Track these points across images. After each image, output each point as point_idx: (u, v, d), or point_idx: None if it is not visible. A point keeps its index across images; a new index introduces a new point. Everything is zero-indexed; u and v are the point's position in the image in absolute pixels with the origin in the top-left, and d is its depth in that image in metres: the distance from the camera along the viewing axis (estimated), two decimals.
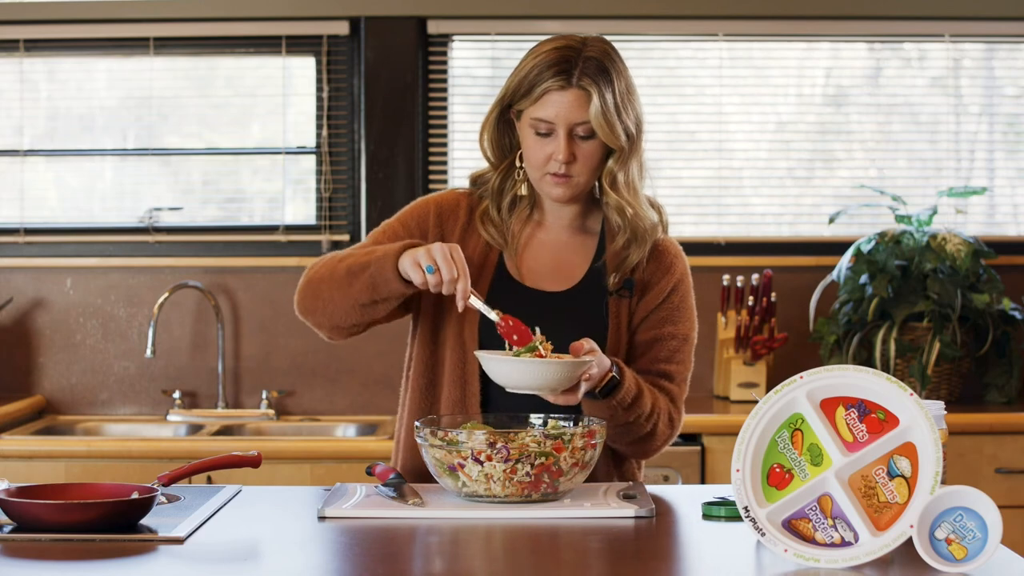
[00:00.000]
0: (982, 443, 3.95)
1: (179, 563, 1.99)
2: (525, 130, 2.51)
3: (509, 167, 2.58)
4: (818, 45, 4.60)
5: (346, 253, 2.53)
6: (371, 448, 3.84)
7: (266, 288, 4.45)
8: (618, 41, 4.59)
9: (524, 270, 2.58)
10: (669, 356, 2.56)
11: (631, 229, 2.54)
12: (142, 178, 4.53)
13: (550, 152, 2.48)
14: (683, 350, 2.58)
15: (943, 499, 1.93)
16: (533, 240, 2.60)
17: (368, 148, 4.45)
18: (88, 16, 4.45)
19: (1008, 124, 4.64)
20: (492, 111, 2.56)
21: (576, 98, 2.46)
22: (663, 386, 2.55)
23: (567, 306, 2.54)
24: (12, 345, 4.47)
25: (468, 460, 2.28)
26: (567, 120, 2.46)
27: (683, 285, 2.60)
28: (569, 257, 2.59)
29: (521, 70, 2.50)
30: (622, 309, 2.55)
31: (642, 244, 2.55)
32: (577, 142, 2.48)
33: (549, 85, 2.45)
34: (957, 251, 4.13)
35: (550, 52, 2.48)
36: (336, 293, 2.48)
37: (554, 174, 2.50)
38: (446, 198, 2.63)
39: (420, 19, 4.47)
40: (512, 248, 2.58)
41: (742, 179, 4.58)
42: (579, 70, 2.46)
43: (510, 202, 2.60)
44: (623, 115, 2.49)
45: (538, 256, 2.59)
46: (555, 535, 2.15)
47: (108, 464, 3.82)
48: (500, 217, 2.59)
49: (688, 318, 2.59)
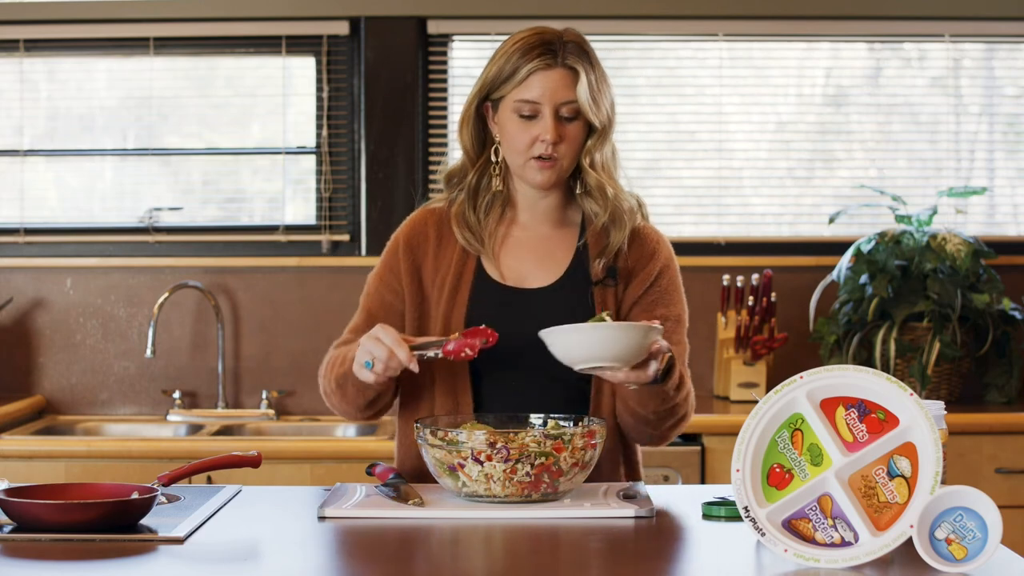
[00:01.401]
0: (982, 443, 3.95)
1: (179, 563, 1.99)
2: (507, 116, 2.52)
3: (486, 163, 2.60)
4: (818, 45, 4.60)
5: (333, 360, 2.58)
6: (371, 448, 3.84)
7: (266, 288, 4.45)
8: (618, 41, 4.62)
9: (504, 270, 2.58)
10: (665, 338, 2.53)
11: (610, 210, 2.55)
12: (142, 178, 4.53)
13: (536, 134, 2.50)
14: (678, 331, 2.57)
15: (943, 499, 1.93)
16: (510, 239, 2.61)
17: (368, 148, 4.45)
18: (88, 16, 4.45)
19: (1008, 124, 4.64)
20: (470, 105, 2.57)
21: (562, 77, 2.49)
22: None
23: (552, 301, 2.55)
24: (12, 345, 4.47)
25: (468, 460, 2.28)
26: (554, 99, 2.49)
27: (670, 269, 2.60)
28: (550, 251, 2.60)
29: (500, 59, 2.52)
30: (608, 298, 2.56)
31: (621, 227, 2.56)
32: (562, 123, 2.50)
33: (535, 66, 2.48)
34: (957, 251, 4.13)
35: (529, 37, 2.52)
36: (342, 403, 2.57)
37: (539, 157, 2.51)
38: (413, 224, 2.64)
39: (420, 19, 4.47)
40: (489, 249, 2.58)
41: (742, 179, 4.58)
42: (563, 51, 2.50)
43: (487, 201, 2.60)
44: (603, 96, 2.53)
45: (517, 254, 2.60)
46: (555, 535, 2.15)
47: (108, 464, 3.82)
48: (476, 216, 2.59)
49: (678, 300, 2.60)
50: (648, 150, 4.57)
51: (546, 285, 2.57)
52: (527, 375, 2.51)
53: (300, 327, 4.44)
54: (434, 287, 2.58)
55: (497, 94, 2.53)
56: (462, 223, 2.59)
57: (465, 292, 2.55)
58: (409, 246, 2.62)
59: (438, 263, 2.59)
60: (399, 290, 2.60)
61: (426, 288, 2.59)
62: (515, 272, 2.58)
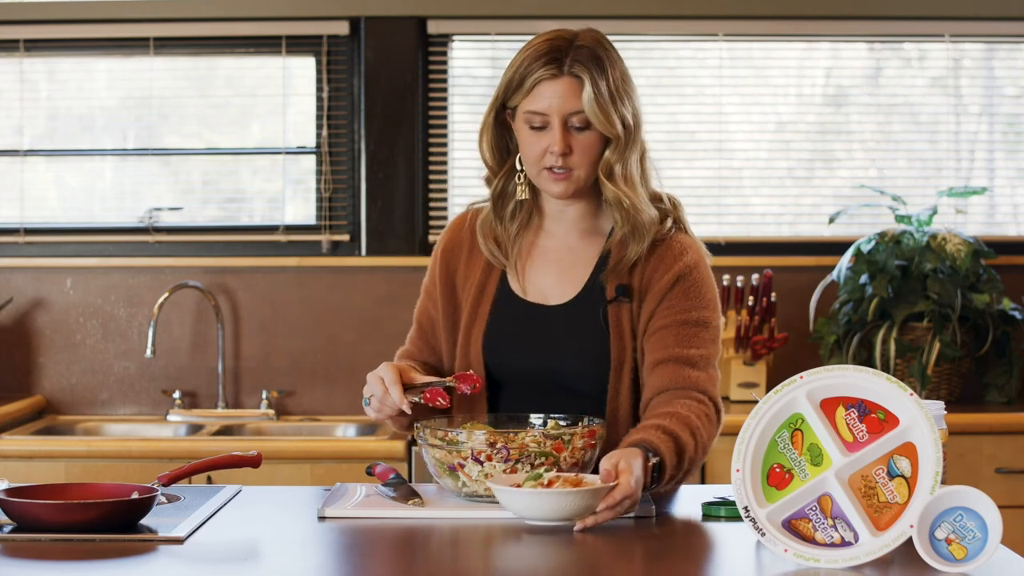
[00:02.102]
0: (982, 443, 3.95)
1: (179, 563, 1.99)
2: (520, 126, 2.47)
3: (510, 171, 2.54)
4: (818, 45, 4.60)
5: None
6: (371, 448, 3.84)
7: (266, 288, 4.45)
8: (618, 41, 4.59)
9: (527, 284, 2.53)
10: (686, 341, 2.43)
11: (630, 223, 2.47)
12: (142, 178, 4.53)
13: (546, 145, 2.43)
14: (702, 336, 2.44)
15: (943, 499, 1.93)
16: (535, 249, 2.55)
17: (368, 148, 4.45)
18: (88, 16, 4.45)
19: (1008, 124, 4.64)
20: (489, 113, 2.52)
21: (568, 87, 2.42)
22: (683, 376, 2.42)
23: (567, 319, 2.49)
24: (12, 345, 4.47)
25: (468, 460, 2.28)
26: (560, 110, 2.42)
27: (693, 274, 2.47)
28: (572, 264, 2.53)
29: (513, 65, 2.46)
30: (623, 315, 2.48)
31: (640, 240, 2.47)
32: (573, 134, 2.44)
33: (540, 75, 2.42)
34: (957, 251, 4.13)
35: (541, 44, 2.45)
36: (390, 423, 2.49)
37: (551, 169, 2.45)
38: (453, 229, 2.61)
39: (420, 19, 4.47)
40: (512, 262, 2.54)
41: (742, 179, 4.58)
42: (570, 58, 2.43)
43: (512, 209, 2.55)
44: (618, 104, 2.44)
45: (541, 267, 2.54)
46: (555, 535, 2.15)
47: (108, 464, 3.82)
48: (502, 226, 2.54)
49: (705, 304, 2.46)
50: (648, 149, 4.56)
51: (564, 302, 2.51)
52: (544, 393, 2.48)
53: (300, 327, 4.44)
54: (464, 297, 2.55)
55: (511, 103, 2.48)
56: (488, 233, 2.55)
57: (487, 306, 2.52)
58: (446, 252, 2.59)
59: (469, 271, 2.56)
60: (437, 299, 2.58)
61: (459, 296, 2.56)
62: (537, 287, 2.53)
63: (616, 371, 2.47)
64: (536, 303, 2.52)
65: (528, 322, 2.50)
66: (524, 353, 2.48)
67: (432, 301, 2.59)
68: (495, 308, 2.52)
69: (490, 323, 2.50)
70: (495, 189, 2.55)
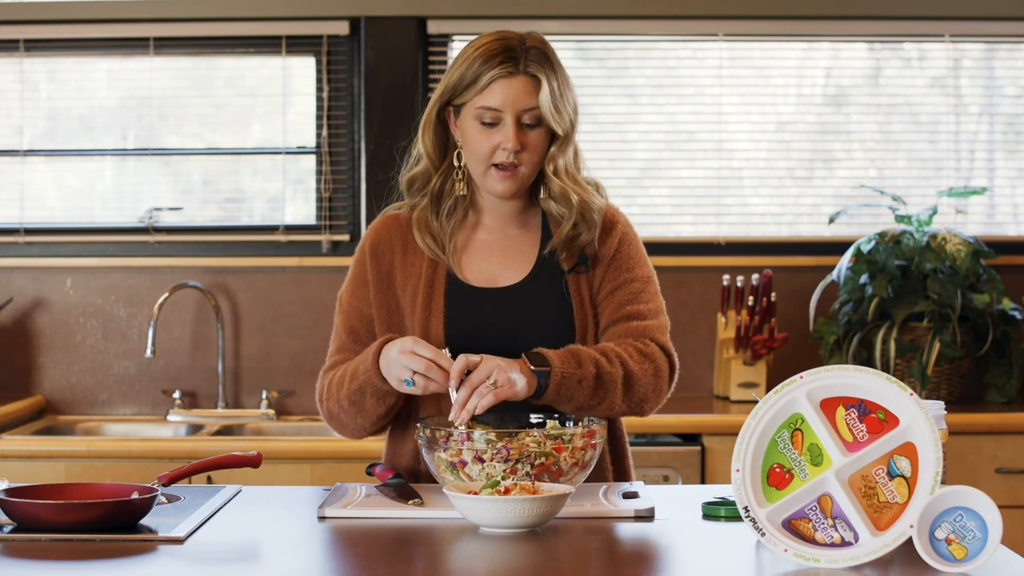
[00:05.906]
0: (982, 443, 3.95)
1: (179, 563, 1.99)
2: (468, 123, 2.52)
3: (448, 167, 2.59)
4: (818, 45, 4.60)
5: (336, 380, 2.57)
6: (371, 448, 3.83)
7: (266, 288, 4.45)
8: (618, 41, 4.62)
9: (473, 272, 2.58)
10: (633, 298, 2.55)
11: (579, 213, 2.55)
12: (142, 178, 4.53)
13: (497, 142, 2.49)
14: (647, 291, 2.58)
15: (943, 499, 1.93)
16: (472, 243, 2.60)
17: (368, 148, 4.45)
18: (88, 16, 4.45)
19: (1008, 124, 4.64)
20: (431, 109, 2.58)
21: (524, 85, 2.48)
22: (633, 328, 2.53)
23: (526, 296, 2.55)
24: (12, 345, 4.47)
25: (469, 460, 2.28)
26: (515, 107, 2.48)
27: (628, 236, 2.61)
28: (515, 251, 2.60)
29: (462, 64, 2.52)
30: (582, 284, 2.56)
31: (591, 227, 2.56)
32: (524, 131, 2.50)
33: (496, 73, 2.48)
34: (957, 251, 4.13)
35: (491, 44, 2.51)
36: (358, 418, 2.55)
37: (499, 166, 2.50)
38: (376, 232, 2.63)
39: (420, 19, 4.47)
40: (450, 255, 2.57)
41: (742, 179, 4.58)
42: (524, 58, 2.49)
43: (451, 205, 2.59)
44: (566, 101, 2.52)
45: (483, 256, 2.59)
46: (555, 535, 2.15)
47: (108, 464, 3.82)
48: (439, 222, 2.59)
49: (643, 263, 2.60)
50: (648, 150, 4.57)
51: (517, 282, 2.57)
52: None
53: (300, 327, 4.44)
54: (406, 296, 2.57)
55: (459, 100, 2.53)
56: (424, 229, 2.58)
57: (439, 299, 2.55)
58: (376, 254, 2.61)
59: (407, 271, 2.58)
60: (371, 300, 2.59)
61: (398, 296, 2.58)
62: (484, 274, 2.58)
63: (581, 340, 2.54)
64: (487, 287, 2.56)
65: (484, 306, 2.54)
66: (485, 336, 2.50)
67: (365, 301, 2.60)
68: (449, 299, 2.55)
69: (447, 314, 2.53)
70: (434, 187, 2.60)
